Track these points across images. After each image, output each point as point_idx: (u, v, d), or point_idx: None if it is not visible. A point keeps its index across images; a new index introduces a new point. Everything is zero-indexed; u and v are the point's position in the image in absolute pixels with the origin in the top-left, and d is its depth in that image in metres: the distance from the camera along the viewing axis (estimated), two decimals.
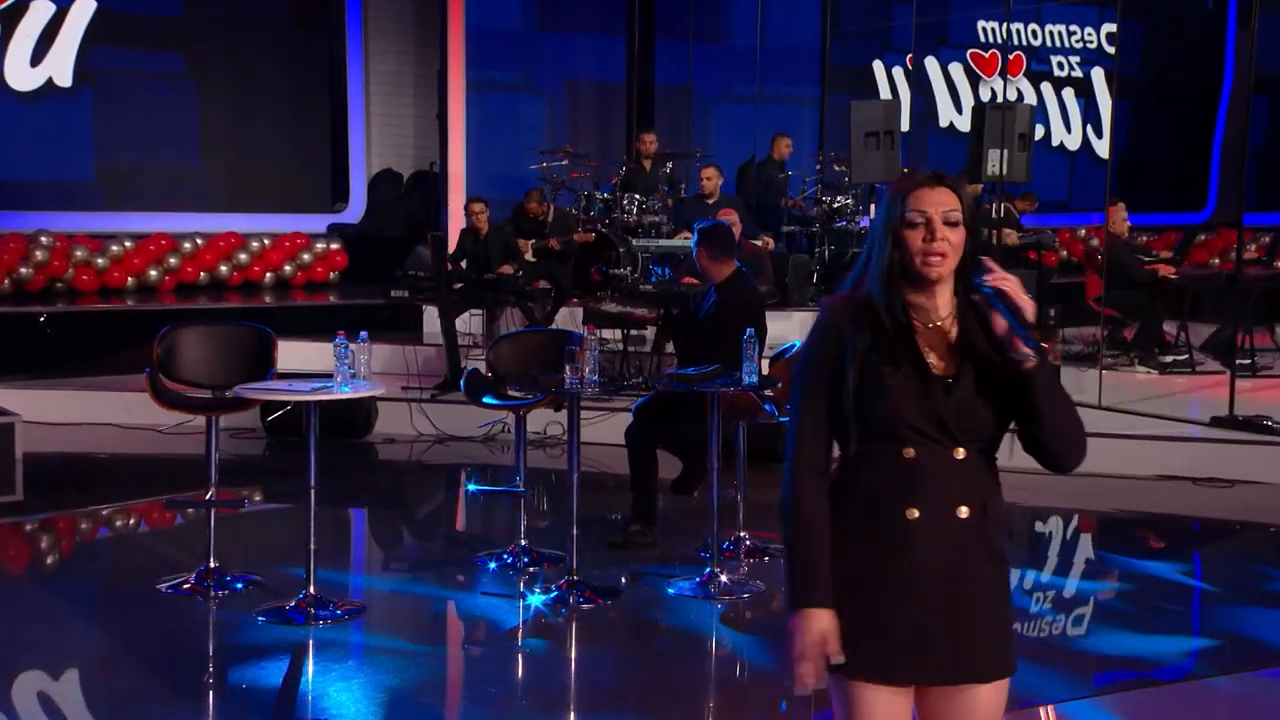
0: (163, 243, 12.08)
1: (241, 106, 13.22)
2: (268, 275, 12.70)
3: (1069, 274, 14.51)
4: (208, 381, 5.90)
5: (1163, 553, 6.95)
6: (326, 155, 13.74)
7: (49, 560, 6.82)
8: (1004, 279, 2.46)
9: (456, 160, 12.40)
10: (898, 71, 15.39)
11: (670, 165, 11.76)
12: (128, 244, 11.89)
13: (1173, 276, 10.71)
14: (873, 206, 12.00)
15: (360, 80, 13.70)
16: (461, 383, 6.54)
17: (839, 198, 11.83)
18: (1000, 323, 2.45)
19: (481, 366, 6.78)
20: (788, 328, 10.77)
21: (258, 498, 7.87)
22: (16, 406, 7.91)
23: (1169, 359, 10.44)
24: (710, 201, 10.75)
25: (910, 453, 2.46)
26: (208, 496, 5.81)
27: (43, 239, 11.29)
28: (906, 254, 2.48)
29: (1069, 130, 17.21)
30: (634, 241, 10.87)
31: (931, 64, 16.01)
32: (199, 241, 12.30)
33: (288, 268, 12.80)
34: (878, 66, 15.42)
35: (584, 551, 5.75)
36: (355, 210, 13.83)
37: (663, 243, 10.74)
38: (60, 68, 12.37)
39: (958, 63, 16.15)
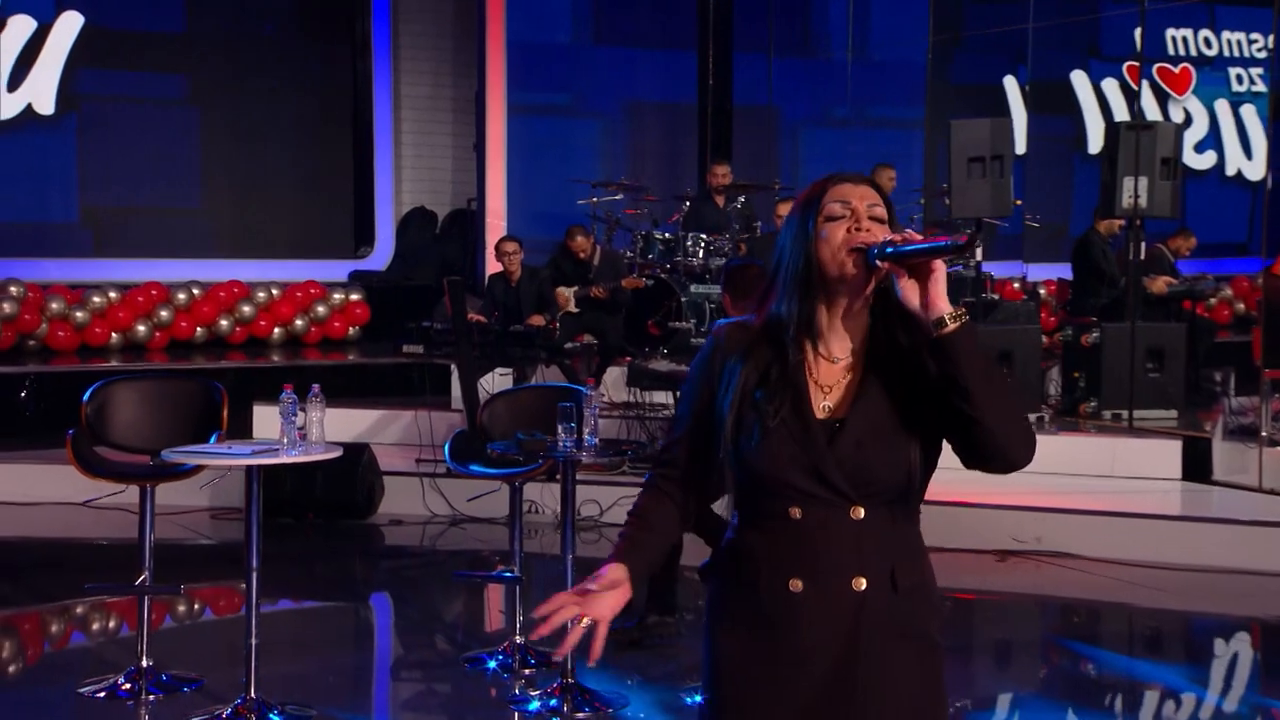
0: (153, 293, 12.24)
1: (250, 135, 13.43)
2: (275, 330, 12.80)
3: (1245, 331, 14.13)
4: (142, 445, 5.87)
5: None
6: (349, 191, 13.90)
7: None
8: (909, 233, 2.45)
9: (496, 196, 12.48)
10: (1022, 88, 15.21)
11: (742, 200, 11.66)
12: (112, 295, 12.05)
13: None
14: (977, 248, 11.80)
15: (389, 104, 13.87)
16: (446, 447, 6.45)
17: (979, 238, 11.62)
18: (909, 287, 2.41)
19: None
20: None
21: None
22: None
23: None
24: None
25: (796, 513, 2.44)
26: (139, 582, 5.75)
27: (12, 289, 11.49)
28: (827, 253, 2.47)
29: (1249, 157, 16.79)
30: (696, 289, 10.77)
31: (1080, 79, 15.78)
32: (195, 292, 12.45)
33: (299, 322, 12.89)
34: (1010, 84, 15.21)
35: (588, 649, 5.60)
36: (382, 256, 13.94)
37: (708, 289, 10.63)
38: (42, 93, 12.67)
39: (1112, 78, 15.89)
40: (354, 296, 13.15)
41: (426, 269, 13.70)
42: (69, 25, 12.76)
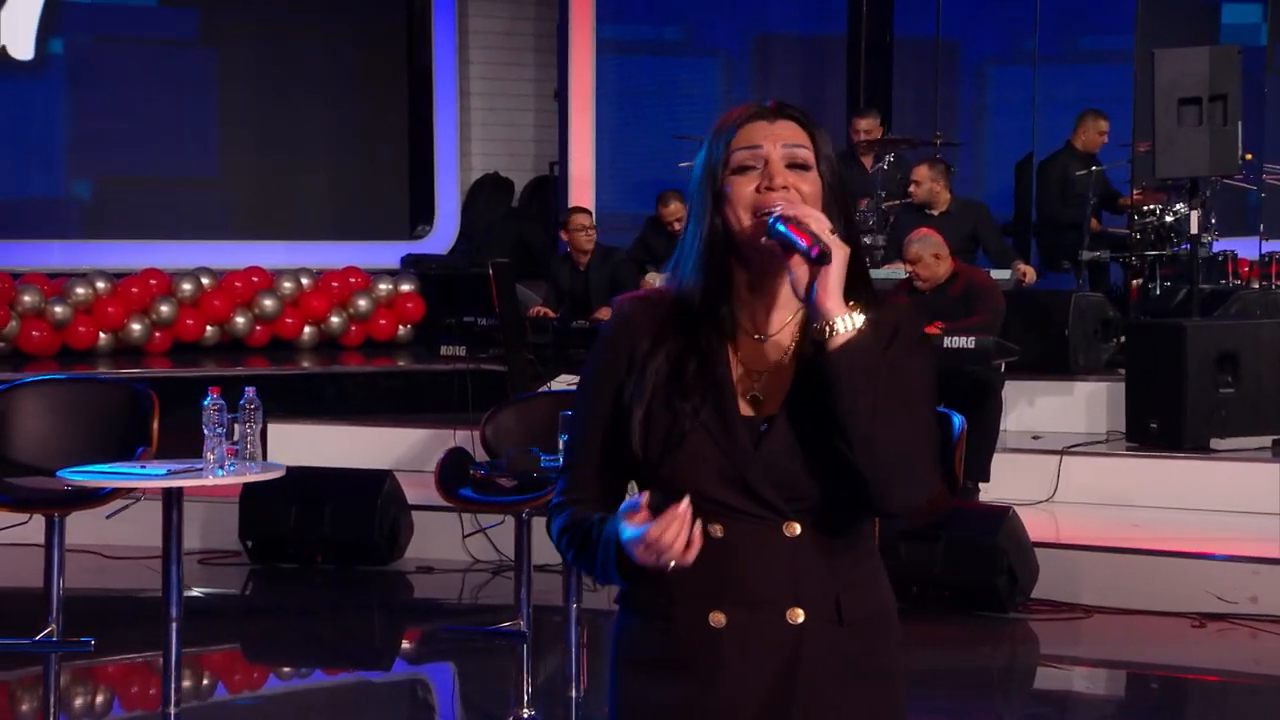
0: (151, 283, 12.57)
1: (278, 85, 13.73)
2: (305, 330, 13.06)
3: None
4: (49, 465, 6.07)
5: None
6: (403, 155, 14.15)
7: None
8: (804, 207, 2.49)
9: (582, 159, 12.60)
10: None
11: (891, 158, 11.65)
12: (100, 285, 12.40)
13: None
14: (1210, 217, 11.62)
15: (452, 42, 14.05)
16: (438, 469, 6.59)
17: (1177, 205, 11.47)
18: (800, 273, 2.46)
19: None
20: (1067, 406, 10.54)
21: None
22: None
23: None
24: (935, 213, 10.59)
25: (718, 531, 2.50)
26: (42, 636, 5.96)
27: None
28: (734, 216, 2.53)
29: None
30: None
31: None
32: (205, 281, 12.76)
33: (335, 319, 13.14)
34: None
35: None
36: (444, 236, 14.16)
37: None
38: (18, 34, 13.07)
39: None
40: (405, 287, 13.36)
41: (500, 252, 13.82)
42: None
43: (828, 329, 2.44)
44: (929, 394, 2.61)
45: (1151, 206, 11.73)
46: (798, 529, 2.50)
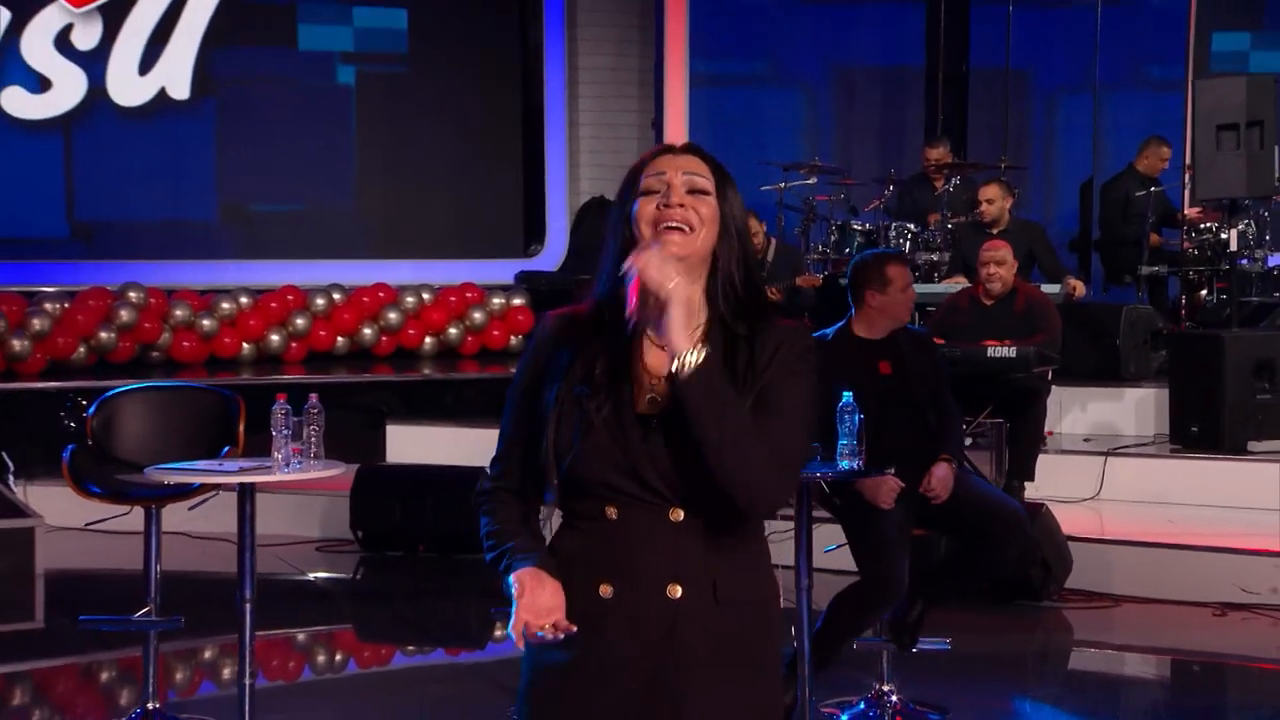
0: (288, 298, 12.75)
1: (406, 119, 13.90)
2: (426, 340, 13.20)
3: None
4: (147, 463, 6.19)
5: None
6: (517, 180, 14.26)
7: None
8: (646, 256, 2.59)
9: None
10: None
11: (956, 180, 11.56)
12: (243, 300, 12.61)
13: None
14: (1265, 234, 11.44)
15: (561, 82, 14.15)
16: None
17: (1235, 222, 11.29)
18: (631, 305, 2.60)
19: None
20: (1118, 411, 10.46)
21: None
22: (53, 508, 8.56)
23: None
24: (995, 231, 10.49)
25: (612, 513, 2.64)
26: (140, 614, 6.07)
27: (131, 295, 12.12)
28: (639, 232, 2.68)
29: None
30: None
31: None
32: (336, 297, 12.92)
33: (453, 331, 13.26)
34: None
35: None
36: (554, 254, 14.23)
37: (918, 288, 10.53)
38: (176, 75, 13.35)
39: None
40: (516, 301, 13.45)
41: None
42: None
43: (675, 363, 2.54)
44: (803, 409, 2.68)
45: (1208, 225, 11.61)
46: (681, 515, 2.61)
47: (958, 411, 6.32)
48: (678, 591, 2.60)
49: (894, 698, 6.24)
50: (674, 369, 2.55)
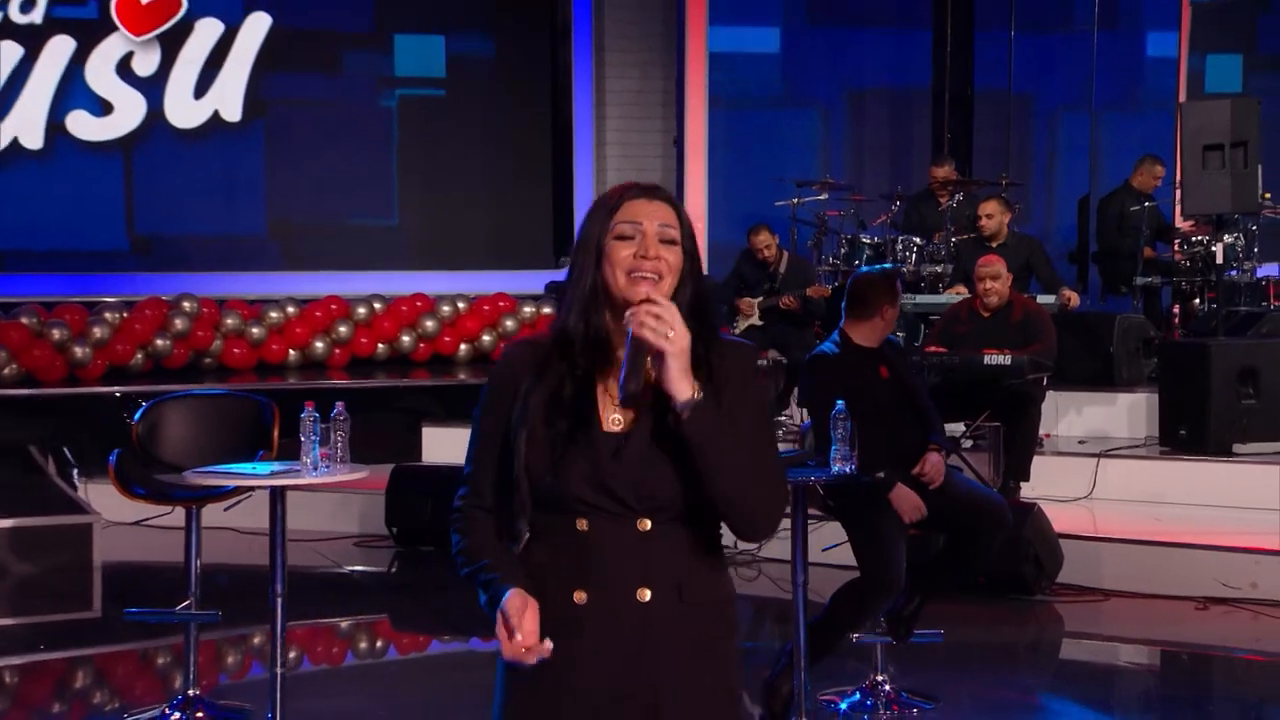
0: (332, 308, 13.01)
1: (441, 138, 14.12)
2: (462, 347, 13.43)
3: None
4: (187, 465, 6.44)
5: None
6: (547, 195, 14.45)
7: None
8: (646, 317, 2.68)
9: (696, 198, 12.84)
10: None
11: (960, 197, 11.74)
12: (290, 310, 12.88)
13: None
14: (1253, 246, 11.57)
15: (589, 99, 14.36)
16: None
17: (1225, 235, 11.44)
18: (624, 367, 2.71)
19: None
20: (1111, 415, 10.59)
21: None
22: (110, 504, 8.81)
23: None
24: (994, 245, 10.66)
25: (583, 525, 2.75)
26: (181, 607, 6.33)
27: (185, 305, 12.43)
28: (612, 274, 2.75)
29: None
30: (912, 300, 10.92)
31: None
32: (377, 306, 13.18)
33: (487, 338, 13.48)
34: None
35: None
36: None
37: (922, 299, 10.75)
38: (228, 99, 13.66)
39: None
40: (546, 310, 13.63)
41: None
42: (256, 27, 13.67)
43: (678, 407, 2.68)
44: (770, 426, 2.89)
45: (1199, 238, 11.74)
46: (649, 524, 2.73)
47: (934, 406, 6.51)
48: (647, 595, 2.73)
49: (887, 687, 6.38)
50: (678, 411, 2.68)
